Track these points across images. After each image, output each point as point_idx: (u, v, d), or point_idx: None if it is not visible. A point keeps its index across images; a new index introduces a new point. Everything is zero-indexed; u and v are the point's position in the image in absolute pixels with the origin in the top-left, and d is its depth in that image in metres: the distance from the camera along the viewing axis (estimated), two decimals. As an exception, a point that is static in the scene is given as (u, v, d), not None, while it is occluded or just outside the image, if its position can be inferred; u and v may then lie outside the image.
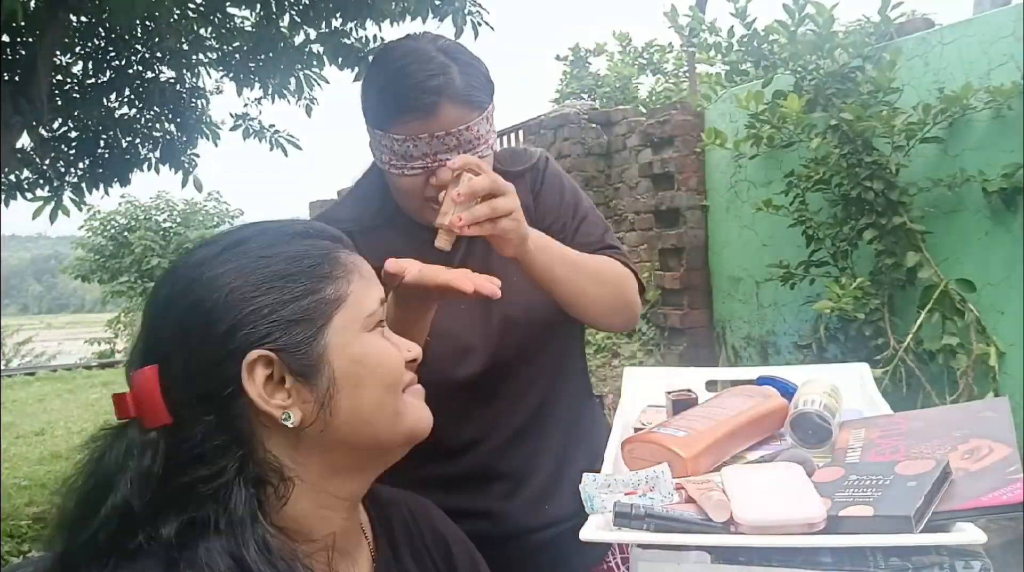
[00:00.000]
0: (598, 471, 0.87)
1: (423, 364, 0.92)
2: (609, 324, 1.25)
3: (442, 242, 1.05)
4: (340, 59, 3.95)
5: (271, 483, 0.72)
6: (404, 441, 0.81)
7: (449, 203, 1.04)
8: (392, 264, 0.96)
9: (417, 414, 0.82)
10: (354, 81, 3.93)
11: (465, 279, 0.96)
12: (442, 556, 0.92)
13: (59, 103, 4.12)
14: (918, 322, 2.84)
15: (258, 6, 3.81)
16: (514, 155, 1.33)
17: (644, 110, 5.90)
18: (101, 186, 4.48)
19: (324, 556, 0.76)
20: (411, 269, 0.97)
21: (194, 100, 4.64)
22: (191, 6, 3.81)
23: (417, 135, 1.11)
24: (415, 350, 0.84)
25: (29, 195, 4.38)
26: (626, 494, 0.80)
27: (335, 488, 0.78)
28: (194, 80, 4.59)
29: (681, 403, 1.05)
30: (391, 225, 1.26)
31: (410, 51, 1.14)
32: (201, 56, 4.37)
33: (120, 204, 17.01)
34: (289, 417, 0.72)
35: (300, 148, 4.91)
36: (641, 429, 1.02)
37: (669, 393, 1.08)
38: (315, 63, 4.23)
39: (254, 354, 0.72)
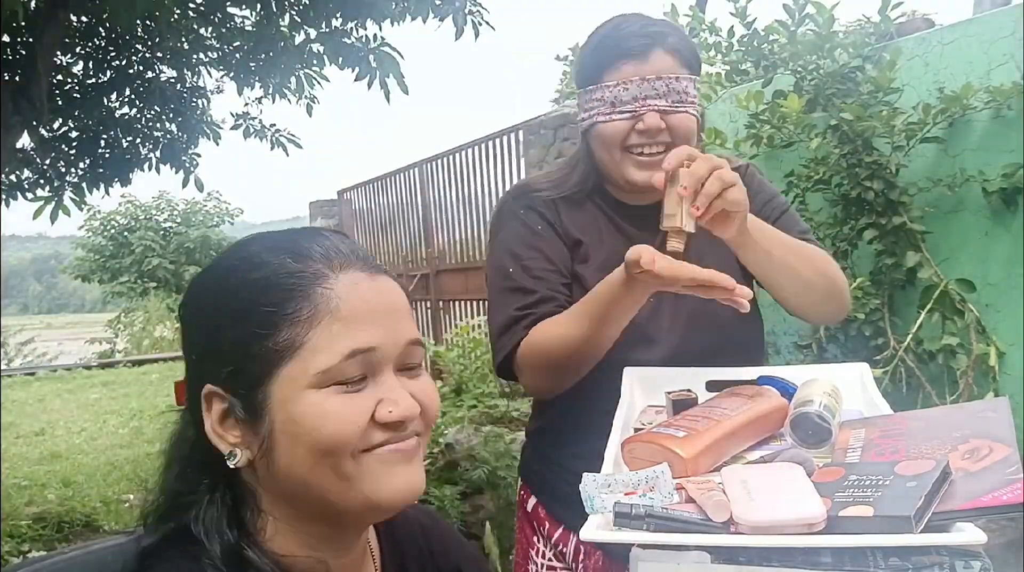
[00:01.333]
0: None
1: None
2: (821, 313, 1.28)
3: (674, 245, 1.05)
4: (340, 59, 3.95)
5: (249, 510, 0.72)
6: (364, 508, 0.71)
7: (674, 202, 1.05)
8: (635, 251, 0.98)
9: (376, 483, 0.70)
10: (355, 81, 3.93)
11: (729, 279, 0.98)
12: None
13: (59, 103, 4.12)
14: (918, 322, 2.83)
15: (258, 6, 3.81)
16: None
17: (644, 110, 5.88)
18: (101, 186, 4.49)
19: None
20: (659, 261, 0.97)
21: (195, 100, 4.65)
22: (191, 6, 3.81)
23: (628, 79, 1.17)
24: (399, 411, 0.71)
25: (29, 195, 4.38)
26: (626, 494, 0.80)
27: (314, 530, 0.74)
28: (195, 80, 4.59)
29: (681, 403, 1.05)
30: (593, 199, 1.31)
31: (624, 16, 1.23)
32: (201, 56, 4.38)
33: (120, 204, 17.05)
34: (234, 456, 0.71)
35: (301, 147, 4.91)
36: (641, 429, 1.02)
37: (669, 393, 1.08)
38: (315, 63, 4.23)
39: (208, 388, 0.72)
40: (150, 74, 4.36)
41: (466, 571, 0.93)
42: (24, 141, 3.90)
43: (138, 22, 3.67)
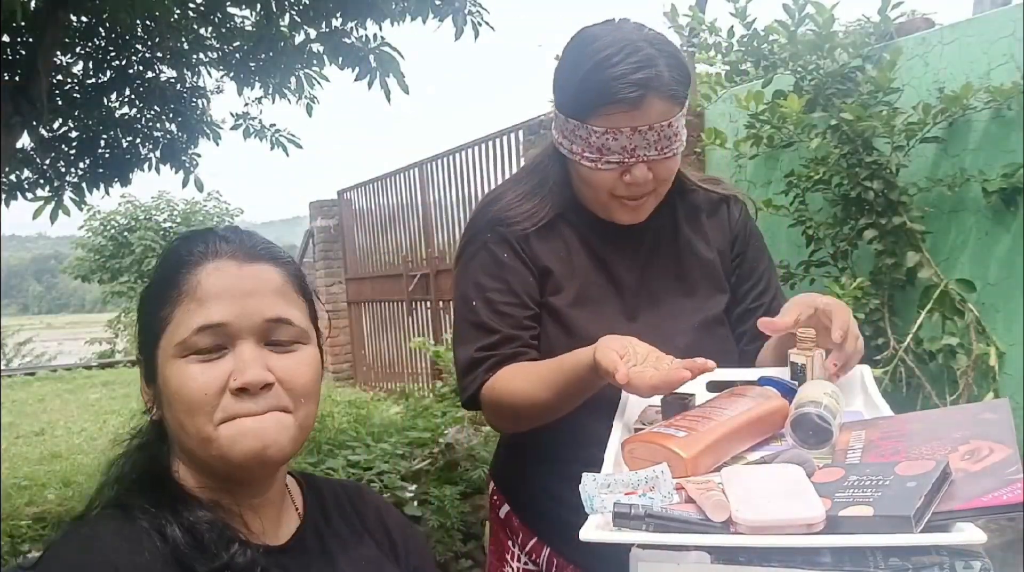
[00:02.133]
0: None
1: None
2: None
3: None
4: (340, 59, 3.95)
5: (166, 453, 0.87)
6: (224, 466, 0.82)
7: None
8: (611, 363, 0.96)
9: (230, 444, 0.80)
10: (355, 81, 3.93)
11: (703, 364, 0.96)
12: (376, 520, 0.99)
13: (59, 103, 4.12)
14: (918, 322, 2.84)
15: (258, 6, 3.81)
16: (715, 181, 1.33)
17: (644, 110, 5.89)
18: (101, 186, 4.49)
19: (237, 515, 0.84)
20: (634, 379, 0.94)
21: (194, 100, 4.65)
22: (191, 6, 3.81)
23: (619, 128, 1.08)
24: (243, 378, 0.80)
25: (29, 195, 4.38)
26: (626, 494, 0.80)
27: (207, 480, 0.85)
28: (195, 80, 4.59)
29: (674, 405, 1.04)
30: (567, 220, 1.24)
31: (616, 40, 1.10)
32: (201, 56, 4.38)
33: (120, 204, 17.02)
34: (151, 411, 0.87)
35: (301, 147, 4.91)
36: (641, 429, 1.02)
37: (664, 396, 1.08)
38: (315, 63, 4.23)
39: (137, 355, 0.89)
40: (150, 74, 4.36)
41: (386, 511, 1.01)
42: (24, 141, 3.90)
43: (138, 22, 3.67)
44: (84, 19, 3.93)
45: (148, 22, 3.75)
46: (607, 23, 1.17)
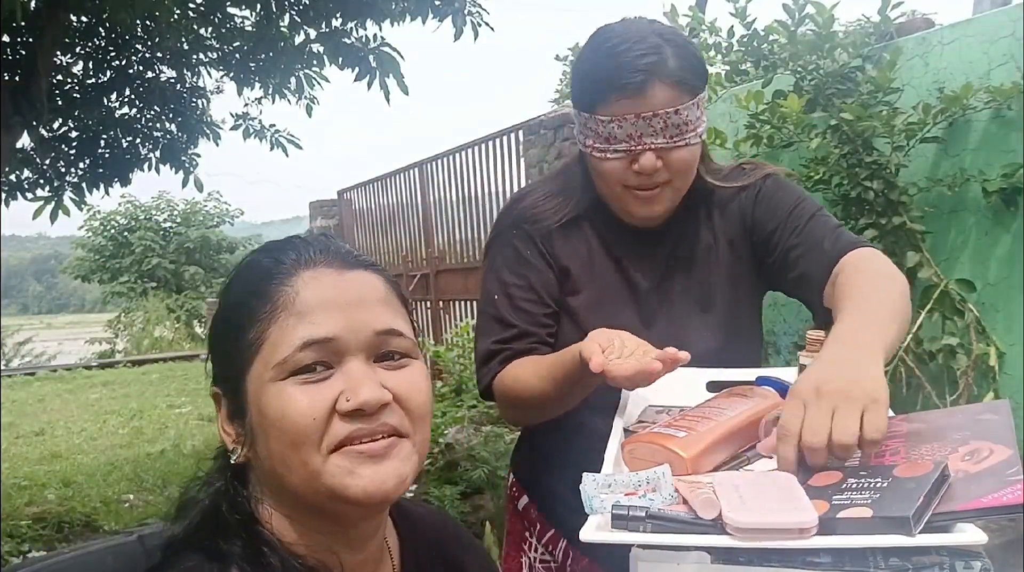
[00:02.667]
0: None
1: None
2: None
3: None
4: (340, 59, 3.95)
5: (253, 500, 0.75)
6: (332, 501, 0.71)
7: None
8: (588, 349, 0.95)
9: (342, 479, 0.70)
10: (355, 81, 3.93)
11: (677, 354, 0.94)
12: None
13: (59, 103, 4.13)
14: (918, 322, 2.84)
15: (258, 6, 3.81)
16: (739, 173, 1.30)
17: (644, 110, 5.90)
18: (101, 186, 4.49)
19: None
20: (612, 369, 0.93)
21: (194, 100, 4.65)
22: (191, 6, 3.81)
23: (623, 116, 1.09)
24: (357, 399, 0.70)
25: (29, 195, 4.38)
26: (626, 495, 0.80)
27: (312, 524, 0.74)
28: (194, 80, 4.60)
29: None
30: (590, 220, 1.25)
31: (623, 31, 1.13)
32: (201, 56, 4.38)
33: (120, 204, 17.05)
34: (235, 452, 0.75)
35: (300, 148, 4.91)
36: (642, 425, 1.02)
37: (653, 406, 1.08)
38: (315, 63, 4.24)
39: (213, 389, 0.78)
40: (150, 74, 4.36)
41: (467, 562, 0.93)
42: (24, 141, 3.90)
43: (138, 22, 3.67)
44: (84, 19, 3.93)
45: (148, 22, 3.75)
46: (622, 20, 1.19)
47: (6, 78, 3.40)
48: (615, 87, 1.09)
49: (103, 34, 4.10)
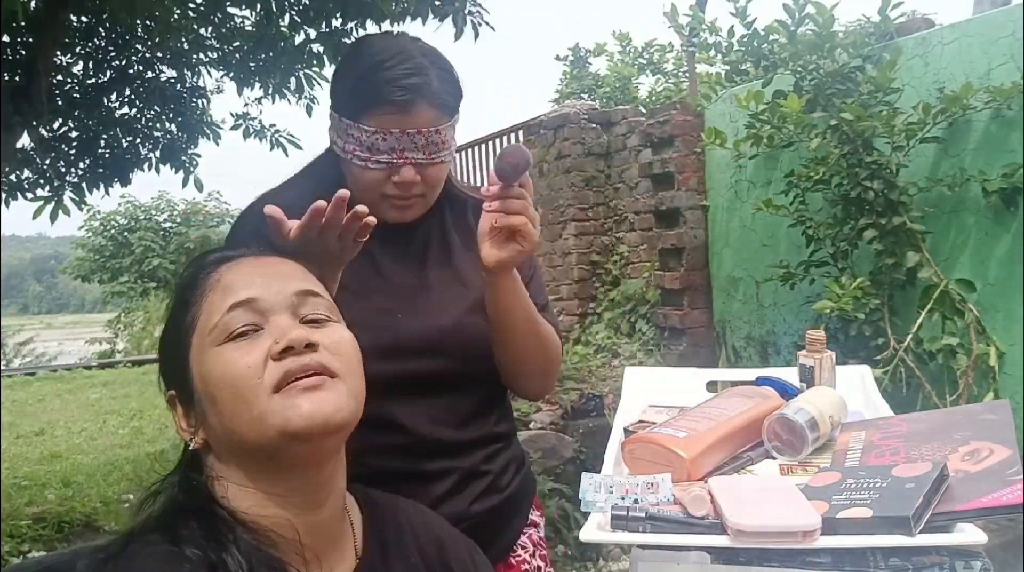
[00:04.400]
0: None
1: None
2: (524, 390, 1.23)
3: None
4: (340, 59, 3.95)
5: (211, 481, 0.81)
6: (281, 440, 0.76)
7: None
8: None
9: (284, 413, 0.75)
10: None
11: (317, 209, 0.91)
12: (437, 556, 0.92)
13: (59, 103, 4.12)
14: (918, 322, 2.84)
15: (258, 6, 3.81)
16: (462, 187, 1.34)
17: (644, 110, 5.90)
18: (101, 186, 4.49)
19: (295, 554, 0.78)
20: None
21: (194, 100, 4.65)
22: (191, 6, 3.80)
23: (388, 129, 1.12)
24: (285, 340, 0.77)
25: (29, 195, 4.38)
26: (626, 491, 0.80)
27: (267, 486, 0.79)
28: (194, 80, 4.59)
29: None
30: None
31: (391, 47, 1.16)
32: (201, 56, 4.38)
33: (120, 204, 17.03)
34: (193, 440, 0.82)
35: (301, 148, 4.90)
36: (642, 428, 1.02)
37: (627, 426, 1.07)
38: (315, 63, 4.23)
39: (168, 395, 0.85)
40: (150, 74, 4.36)
41: (448, 543, 0.94)
42: (24, 141, 3.90)
43: (138, 22, 3.67)
44: (84, 19, 3.93)
45: (148, 22, 3.75)
46: (386, 34, 1.25)
47: (6, 78, 3.40)
48: (383, 101, 1.12)
49: (103, 34, 4.10)
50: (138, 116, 4.47)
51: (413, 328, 1.15)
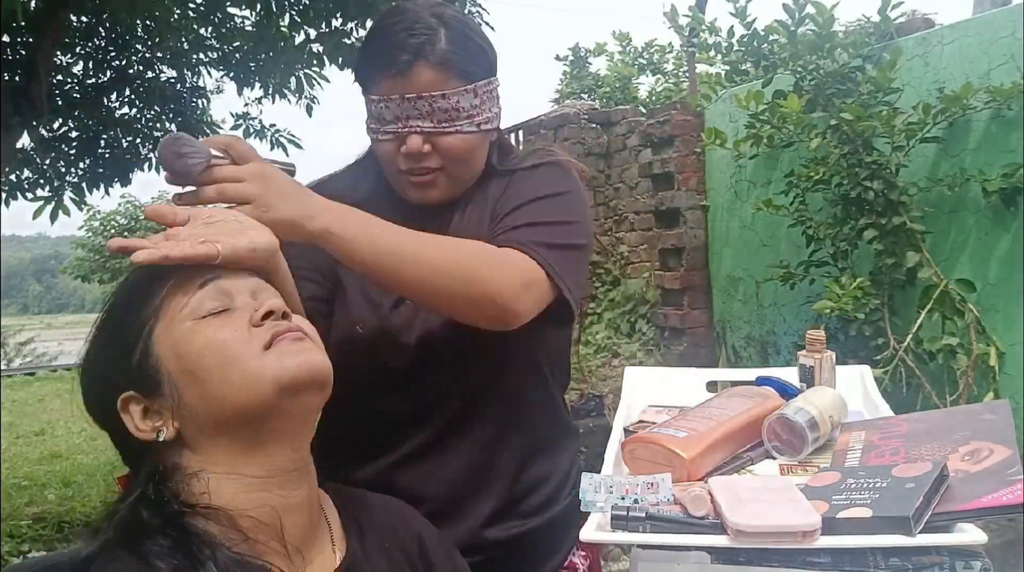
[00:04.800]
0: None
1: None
2: (458, 316, 1.01)
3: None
4: (340, 59, 3.95)
5: (183, 484, 0.77)
6: (277, 395, 0.76)
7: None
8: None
9: (281, 363, 0.76)
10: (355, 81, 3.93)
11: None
12: (417, 552, 0.92)
13: (59, 103, 4.12)
14: (918, 322, 2.84)
15: (258, 6, 3.81)
16: (524, 156, 1.20)
17: (644, 110, 5.90)
18: (101, 186, 4.49)
19: (276, 544, 0.77)
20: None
21: (195, 100, 4.65)
22: (191, 6, 3.81)
23: (388, 96, 1.04)
24: (264, 307, 0.78)
25: (29, 195, 4.38)
26: (626, 491, 0.80)
27: (250, 469, 0.78)
28: (195, 80, 4.60)
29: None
30: (378, 202, 1.12)
31: (403, 11, 1.07)
32: (201, 56, 4.38)
33: (120, 204, 17.01)
34: (162, 433, 0.78)
35: (301, 147, 4.91)
36: (642, 428, 1.02)
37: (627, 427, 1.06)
38: (315, 63, 4.23)
39: (120, 400, 0.79)
40: (150, 74, 4.36)
41: (428, 540, 0.94)
42: (24, 141, 3.91)
43: (138, 22, 3.67)
44: (84, 19, 3.93)
45: (148, 22, 3.75)
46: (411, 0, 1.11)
47: (6, 78, 3.40)
48: (381, 66, 1.04)
49: (103, 34, 4.10)
50: (138, 116, 4.47)
51: (402, 327, 1.07)
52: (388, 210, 1.04)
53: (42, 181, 4.39)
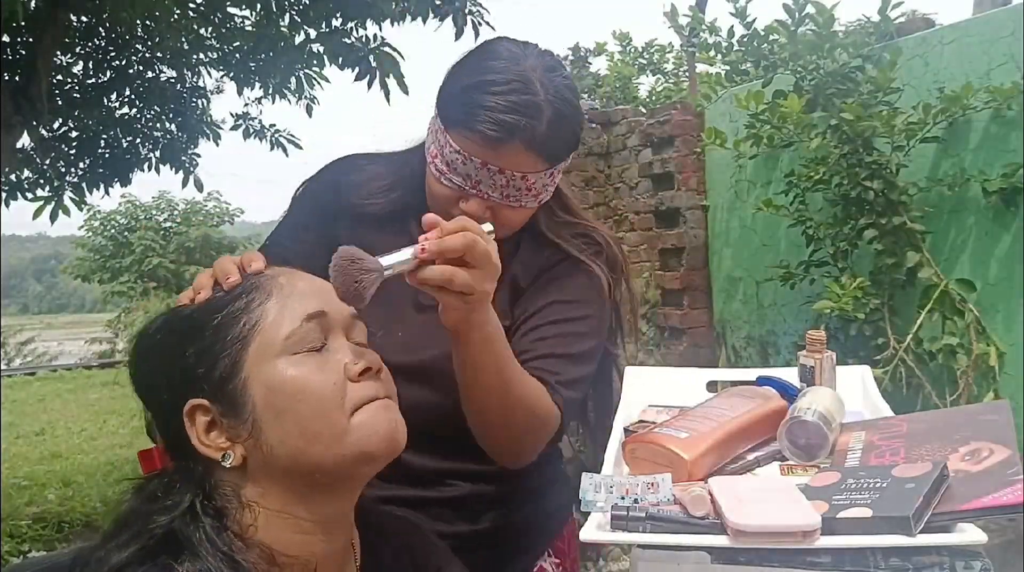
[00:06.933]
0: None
1: None
2: (493, 453, 1.05)
3: None
4: (340, 59, 3.95)
5: (234, 511, 0.75)
6: (356, 461, 0.76)
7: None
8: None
9: (366, 432, 0.75)
10: (355, 81, 3.93)
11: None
12: None
13: (59, 103, 4.13)
14: (918, 322, 2.83)
15: (258, 6, 3.81)
16: (576, 240, 1.16)
17: (644, 110, 5.90)
18: (101, 186, 4.50)
19: None
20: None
21: (194, 100, 4.66)
22: (191, 6, 3.80)
23: (470, 156, 1.00)
24: (364, 361, 0.77)
25: (29, 195, 4.38)
26: (626, 492, 0.80)
27: (303, 513, 0.77)
28: (194, 80, 4.60)
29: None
30: (408, 212, 1.13)
31: (511, 69, 1.01)
32: (201, 56, 4.38)
33: (120, 204, 17.03)
34: (228, 457, 0.75)
35: (301, 148, 4.91)
36: (642, 428, 1.02)
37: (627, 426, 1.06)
38: (315, 63, 4.23)
39: (189, 405, 0.76)
40: (150, 74, 4.36)
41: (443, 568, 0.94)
42: (24, 141, 3.91)
43: (138, 22, 3.67)
44: (84, 19, 3.93)
45: (148, 22, 3.75)
46: (523, 45, 1.06)
47: (6, 78, 3.40)
48: (474, 127, 0.99)
49: (103, 34, 4.10)
50: (138, 116, 4.48)
51: (402, 352, 1.05)
52: (416, 228, 0.99)
53: (42, 181, 4.39)
